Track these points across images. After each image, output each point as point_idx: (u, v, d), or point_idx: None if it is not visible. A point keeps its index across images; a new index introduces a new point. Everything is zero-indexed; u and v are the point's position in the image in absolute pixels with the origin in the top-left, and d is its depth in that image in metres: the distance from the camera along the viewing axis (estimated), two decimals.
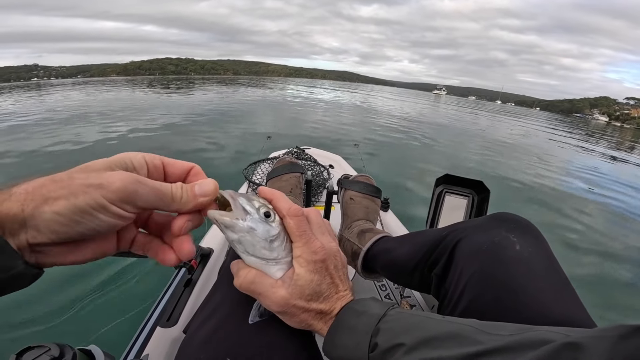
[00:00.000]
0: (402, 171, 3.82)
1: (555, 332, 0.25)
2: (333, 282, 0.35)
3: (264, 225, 0.32)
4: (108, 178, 0.24)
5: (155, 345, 0.64)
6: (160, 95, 14.08)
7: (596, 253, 2.41)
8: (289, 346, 0.35)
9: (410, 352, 0.28)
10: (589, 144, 11.01)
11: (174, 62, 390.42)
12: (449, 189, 0.88)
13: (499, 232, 0.44)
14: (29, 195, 0.21)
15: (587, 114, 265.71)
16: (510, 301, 0.38)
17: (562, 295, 0.38)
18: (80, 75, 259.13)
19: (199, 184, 0.29)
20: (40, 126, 5.80)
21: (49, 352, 0.31)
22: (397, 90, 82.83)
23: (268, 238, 0.32)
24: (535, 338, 0.25)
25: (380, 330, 0.31)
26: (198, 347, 0.35)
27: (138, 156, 0.28)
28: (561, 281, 0.39)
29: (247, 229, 0.31)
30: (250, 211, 0.32)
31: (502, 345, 0.25)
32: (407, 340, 0.29)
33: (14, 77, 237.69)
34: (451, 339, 0.28)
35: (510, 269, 0.40)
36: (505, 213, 0.48)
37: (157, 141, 4.61)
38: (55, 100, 11.83)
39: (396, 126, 7.90)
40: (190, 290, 0.79)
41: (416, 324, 0.31)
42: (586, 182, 4.60)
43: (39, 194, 0.22)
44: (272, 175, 1.01)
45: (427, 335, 0.29)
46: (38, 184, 0.22)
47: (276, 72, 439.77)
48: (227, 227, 0.31)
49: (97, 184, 0.23)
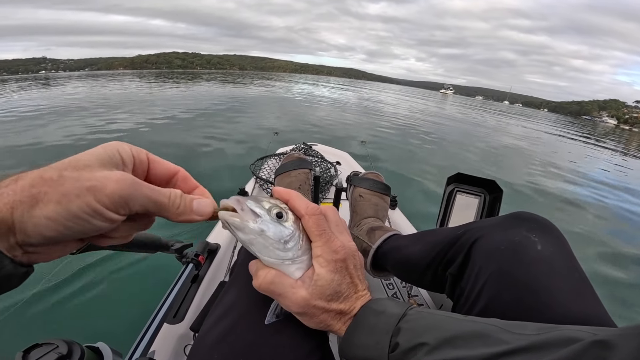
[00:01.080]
0: (409, 169, 3.79)
1: (581, 331, 0.24)
2: (352, 282, 0.34)
3: (276, 226, 0.31)
4: (102, 180, 0.22)
5: (162, 341, 0.64)
6: (168, 89, 14.12)
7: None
8: (303, 347, 0.35)
9: (433, 351, 0.28)
10: (595, 148, 10.86)
11: (180, 57, 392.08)
12: (460, 188, 0.87)
13: (519, 231, 0.43)
14: (17, 196, 0.20)
15: (596, 117, 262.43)
16: (531, 301, 0.37)
17: (583, 296, 0.37)
18: (87, 68, 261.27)
19: (199, 202, 0.29)
20: (49, 117, 5.85)
21: (56, 349, 0.31)
22: (403, 89, 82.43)
23: (281, 239, 0.31)
24: (562, 337, 0.24)
25: (401, 330, 0.31)
26: (211, 347, 0.34)
27: (126, 148, 0.26)
28: (582, 281, 0.39)
29: (257, 231, 0.30)
30: (260, 213, 0.31)
31: (529, 344, 0.25)
32: (430, 339, 0.28)
33: (22, 69, 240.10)
34: (475, 339, 0.27)
35: (531, 269, 0.39)
36: (524, 212, 0.46)
37: (162, 135, 4.62)
38: (64, 93, 11.90)
39: (403, 125, 7.85)
40: (197, 286, 0.79)
41: (438, 324, 0.30)
42: (598, 188, 4.54)
43: (28, 194, 0.20)
44: (280, 171, 1.00)
45: (449, 335, 0.28)
46: (27, 182, 0.21)
47: (282, 67, 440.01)
48: (238, 229, 0.30)
49: (90, 186, 0.22)
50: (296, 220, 0.33)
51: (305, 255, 0.33)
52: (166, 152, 3.55)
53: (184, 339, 0.66)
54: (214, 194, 0.32)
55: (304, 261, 0.33)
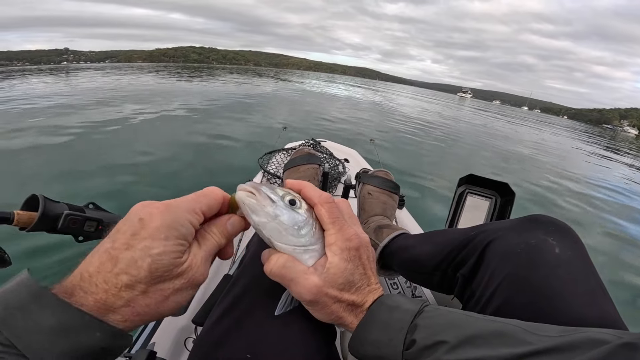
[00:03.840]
0: (418, 169, 3.76)
1: (607, 333, 0.24)
2: (365, 274, 0.34)
3: (290, 212, 0.32)
4: (192, 277, 0.28)
5: (163, 333, 0.64)
6: (186, 83, 14.31)
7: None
8: (311, 343, 0.34)
9: (453, 350, 0.27)
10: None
11: (197, 51, 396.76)
12: (471, 190, 0.86)
13: (535, 234, 0.42)
14: (145, 316, 0.26)
15: (617, 126, 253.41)
16: (545, 305, 0.36)
17: (599, 301, 0.36)
18: (108, 60, 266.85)
19: (232, 225, 0.33)
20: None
21: None
22: (417, 90, 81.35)
23: (295, 225, 0.31)
24: (587, 339, 0.24)
25: (418, 327, 0.30)
26: (217, 341, 0.34)
27: (187, 226, 0.28)
28: (598, 285, 0.38)
29: (272, 215, 0.31)
30: (275, 199, 0.31)
31: (554, 345, 0.24)
32: (450, 337, 0.27)
33: (45, 60, 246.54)
34: (497, 338, 0.26)
35: (547, 273, 0.38)
36: (541, 215, 0.45)
37: (175, 130, 4.69)
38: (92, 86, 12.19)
39: (415, 125, 7.75)
40: None
41: (457, 322, 0.29)
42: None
43: (154, 312, 0.26)
44: (289, 165, 1.00)
45: (470, 333, 0.27)
46: (145, 303, 0.25)
47: (296, 64, 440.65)
48: (253, 211, 0.31)
49: (187, 287, 0.28)
50: (309, 209, 0.33)
51: (318, 244, 0.32)
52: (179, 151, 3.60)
53: (185, 332, 0.66)
54: (222, 187, 0.33)
55: (316, 250, 0.32)
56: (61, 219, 0.45)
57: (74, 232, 0.47)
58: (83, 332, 0.22)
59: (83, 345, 0.22)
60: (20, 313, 0.21)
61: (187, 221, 0.27)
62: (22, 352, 0.20)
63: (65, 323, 0.22)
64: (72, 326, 0.22)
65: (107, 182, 2.52)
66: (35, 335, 0.21)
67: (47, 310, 0.22)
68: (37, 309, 0.22)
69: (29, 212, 0.43)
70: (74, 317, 0.22)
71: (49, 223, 0.45)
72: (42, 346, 0.21)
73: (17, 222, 0.42)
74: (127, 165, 2.90)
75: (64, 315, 0.22)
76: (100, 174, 2.66)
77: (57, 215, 0.45)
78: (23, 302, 0.22)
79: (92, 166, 2.80)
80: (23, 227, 0.43)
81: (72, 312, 0.22)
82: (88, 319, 0.23)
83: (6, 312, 0.21)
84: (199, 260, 0.28)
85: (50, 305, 0.22)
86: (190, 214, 0.28)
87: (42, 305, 0.22)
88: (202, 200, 0.30)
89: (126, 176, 2.66)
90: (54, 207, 0.45)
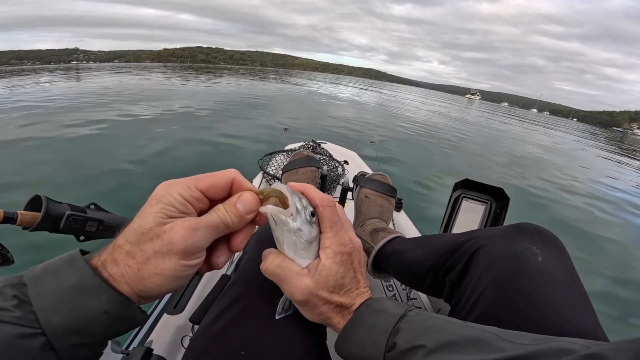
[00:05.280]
0: (417, 173, 3.73)
1: (576, 343, 0.25)
2: (355, 277, 0.35)
3: (309, 226, 0.32)
4: (170, 238, 0.27)
5: (161, 331, 0.65)
6: (194, 83, 14.41)
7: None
8: (304, 342, 0.36)
9: (430, 354, 0.28)
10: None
11: (204, 51, 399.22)
12: (466, 194, 0.86)
13: (521, 242, 0.43)
14: (127, 278, 0.26)
15: (627, 128, 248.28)
16: (527, 312, 0.37)
17: (580, 309, 0.37)
18: (117, 60, 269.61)
19: (241, 203, 0.30)
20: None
21: None
22: (424, 92, 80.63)
23: (309, 239, 0.32)
24: (557, 348, 0.24)
25: (400, 330, 0.31)
26: (213, 338, 0.35)
27: (175, 196, 0.28)
28: (580, 295, 0.38)
29: (295, 229, 0.31)
30: (300, 211, 0.32)
31: (524, 353, 0.25)
32: (428, 342, 0.29)
33: (55, 59, 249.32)
34: (472, 345, 0.27)
35: (530, 280, 0.39)
36: (528, 224, 0.46)
37: (178, 126, 4.72)
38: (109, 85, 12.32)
39: (417, 129, 7.70)
40: (199, 278, 0.79)
41: (437, 327, 0.30)
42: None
43: (135, 275, 0.26)
44: (288, 167, 1.02)
45: (448, 339, 0.28)
46: (122, 269, 0.26)
47: (302, 65, 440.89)
48: (279, 224, 0.31)
49: (166, 251, 0.27)
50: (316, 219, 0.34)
51: (314, 246, 0.34)
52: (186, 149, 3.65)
53: (183, 330, 0.67)
54: None
55: (312, 252, 0.34)
56: (63, 219, 0.46)
57: (76, 232, 0.48)
58: (93, 293, 0.25)
59: (89, 308, 0.24)
60: (52, 274, 0.25)
61: (177, 193, 0.28)
62: (33, 309, 0.23)
63: (81, 282, 0.25)
64: (85, 285, 0.25)
65: (107, 182, 2.54)
66: (54, 293, 0.24)
67: (73, 270, 0.25)
68: (66, 270, 0.25)
69: (32, 212, 0.44)
70: (88, 277, 0.25)
71: (51, 223, 0.45)
72: (54, 305, 0.24)
73: (21, 222, 0.43)
74: (128, 165, 2.92)
75: (82, 274, 0.25)
76: (100, 174, 2.68)
77: (60, 215, 0.46)
78: (59, 265, 0.26)
79: (92, 166, 2.82)
80: (26, 226, 0.44)
81: (88, 272, 0.25)
82: (99, 280, 0.25)
83: (42, 273, 0.25)
84: (183, 225, 0.27)
85: (78, 267, 0.25)
86: (184, 187, 0.28)
87: (72, 267, 0.25)
88: (204, 178, 0.29)
89: (126, 176, 2.68)
90: (56, 208, 0.46)
